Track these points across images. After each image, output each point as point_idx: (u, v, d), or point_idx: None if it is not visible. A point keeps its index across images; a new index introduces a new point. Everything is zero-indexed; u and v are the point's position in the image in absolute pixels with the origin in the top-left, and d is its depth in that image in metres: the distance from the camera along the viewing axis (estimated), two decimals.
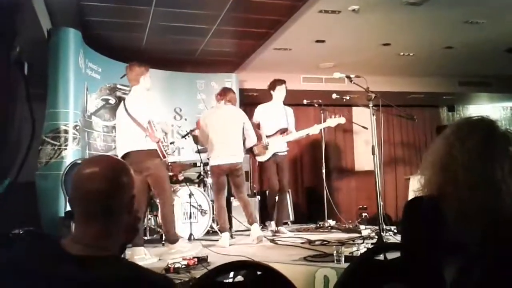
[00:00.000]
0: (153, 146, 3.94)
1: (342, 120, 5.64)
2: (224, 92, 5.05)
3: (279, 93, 5.55)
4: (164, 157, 4.02)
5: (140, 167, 3.84)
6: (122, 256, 1.28)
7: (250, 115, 5.36)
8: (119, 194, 1.16)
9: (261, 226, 6.08)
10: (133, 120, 3.97)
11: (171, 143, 4.72)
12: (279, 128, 5.51)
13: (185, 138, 5.68)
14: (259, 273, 1.16)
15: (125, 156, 3.96)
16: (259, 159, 5.52)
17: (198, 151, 5.47)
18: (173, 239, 4.07)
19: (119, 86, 6.27)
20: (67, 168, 4.61)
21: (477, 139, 1.35)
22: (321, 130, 5.94)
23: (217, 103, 5.13)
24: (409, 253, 1.34)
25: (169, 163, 5.13)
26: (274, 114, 5.57)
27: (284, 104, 5.68)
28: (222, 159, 4.78)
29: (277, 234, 5.31)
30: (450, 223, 1.30)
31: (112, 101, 6.17)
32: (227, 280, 1.23)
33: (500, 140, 1.35)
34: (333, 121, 5.63)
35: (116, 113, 4.34)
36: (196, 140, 5.37)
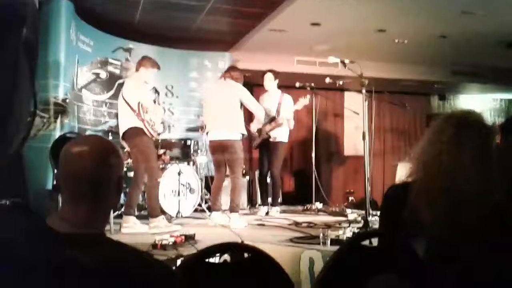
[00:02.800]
0: (141, 125, 4.30)
1: (306, 101, 5.69)
2: (228, 69, 4.99)
3: (266, 83, 5.64)
4: (152, 135, 4.37)
5: (130, 142, 4.40)
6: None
7: None
8: (108, 174, 1.16)
9: (248, 207, 6.18)
10: (125, 101, 4.36)
11: (161, 123, 4.76)
12: (269, 116, 5.55)
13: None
14: (247, 254, 1.17)
15: (123, 133, 4.40)
16: (255, 142, 5.66)
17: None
18: (153, 213, 4.28)
19: (110, 60, 6.18)
20: (55, 141, 4.57)
21: (452, 129, 1.39)
22: (313, 113, 5.97)
23: (218, 80, 5.10)
24: (386, 239, 1.38)
25: (159, 141, 5.20)
26: (266, 102, 5.64)
27: (278, 88, 5.70)
28: (213, 135, 4.75)
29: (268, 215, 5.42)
30: (413, 206, 1.34)
31: (103, 75, 6.09)
32: (214, 260, 1.24)
33: (475, 130, 1.39)
34: (299, 104, 5.68)
35: None
36: None
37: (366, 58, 5.88)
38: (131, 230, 4.12)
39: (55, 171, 4.44)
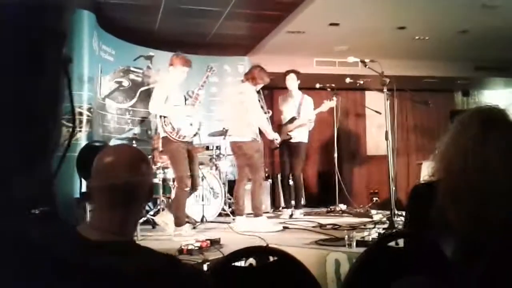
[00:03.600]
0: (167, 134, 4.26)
1: (332, 103, 5.69)
2: (249, 70, 4.96)
3: (289, 83, 5.63)
4: (178, 140, 4.24)
5: (165, 152, 4.53)
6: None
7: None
8: (140, 183, 1.18)
9: (272, 210, 6.17)
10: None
11: (190, 124, 4.47)
12: (289, 117, 5.57)
13: None
14: (273, 258, 1.18)
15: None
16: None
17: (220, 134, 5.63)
18: (176, 222, 4.19)
19: (132, 69, 6.29)
20: (82, 150, 4.65)
21: (477, 125, 1.36)
22: (334, 114, 5.95)
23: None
24: (412, 239, 1.36)
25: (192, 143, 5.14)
26: (286, 103, 5.68)
27: (299, 89, 5.69)
28: (231, 138, 4.78)
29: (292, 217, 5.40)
30: (440, 205, 1.32)
31: (126, 83, 6.20)
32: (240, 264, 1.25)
33: (501, 126, 1.37)
34: (325, 105, 5.65)
35: None
36: None
37: (387, 56, 5.83)
38: (182, 237, 3.98)
39: (82, 179, 4.53)
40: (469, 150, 1.34)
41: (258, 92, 4.92)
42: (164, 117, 4.24)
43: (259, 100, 4.86)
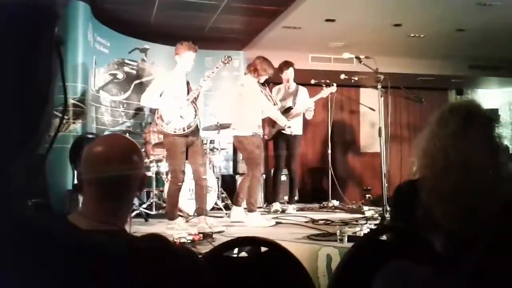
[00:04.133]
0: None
1: (333, 89, 5.63)
2: (250, 62, 4.84)
3: (287, 75, 5.59)
4: (172, 134, 4.11)
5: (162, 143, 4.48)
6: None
7: None
8: (132, 172, 1.18)
9: (265, 204, 6.17)
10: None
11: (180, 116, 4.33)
12: (284, 108, 5.53)
13: None
14: (265, 249, 1.19)
15: None
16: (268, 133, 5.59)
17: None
18: (168, 216, 4.17)
19: (127, 61, 6.26)
20: (75, 142, 4.65)
21: (457, 121, 1.37)
22: (328, 110, 5.95)
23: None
24: (402, 233, 1.38)
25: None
26: (281, 93, 5.65)
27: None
28: (233, 132, 4.72)
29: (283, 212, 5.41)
30: (426, 204, 1.33)
31: (120, 76, 6.17)
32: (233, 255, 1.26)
33: (480, 121, 1.38)
34: (326, 91, 5.61)
35: None
36: None
37: (382, 53, 5.84)
38: (175, 231, 3.91)
39: (75, 171, 4.51)
40: (452, 146, 1.34)
41: (263, 84, 4.81)
42: (156, 109, 4.19)
43: (261, 91, 4.73)
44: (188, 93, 4.20)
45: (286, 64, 5.57)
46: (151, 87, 4.26)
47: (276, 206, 5.57)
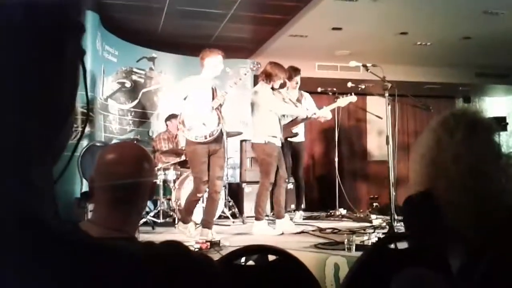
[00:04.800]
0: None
1: (353, 99, 5.42)
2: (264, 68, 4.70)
3: (295, 83, 5.46)
4: (195, 141, 3.97)
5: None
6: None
7: None
8: (142, 180, 1.19)
9: (272, 213, 6.15)
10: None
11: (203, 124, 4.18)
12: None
13: None
14: (274, 257, 1.19)
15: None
16: None
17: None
18: (183, 219, 4.20)
19: (135, 70, 6.31)
20: (84, 150, 4.67)
21: (464, 130, 1.36)
22: (335, 118, 5.93)
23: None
24: (416, 243, 1.37)
25: (182, 148, 5.06)
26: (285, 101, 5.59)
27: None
28: (252, 139, 4.68)
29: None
30: (445, 216, 1.33)
31: (128, 84, 6.22)
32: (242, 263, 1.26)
33: (485, 129, 1.39)
34: (344, 100, 5.41)
35: None
36: None
37: (388, 61, 5.84)
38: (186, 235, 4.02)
39: (83, 179, 4.54)
40: (461, 154, 1.34)
41: (278, 89, 4.69)
42: (178, 115, 4.15)
43: (275, 96, 4.63)
44: (213, 99, 4.05)
45: (296, 71, 5.44)
46: (175, 93, 4.29)
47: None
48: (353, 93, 5.46)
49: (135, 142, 5.28)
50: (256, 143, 4.51)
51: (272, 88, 4.62)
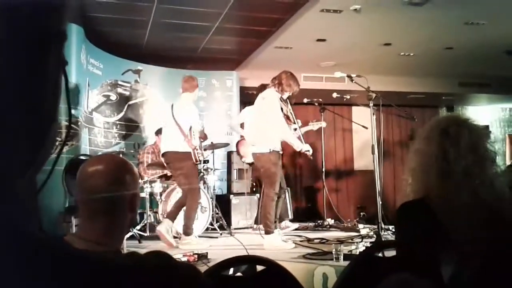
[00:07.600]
0: (189, 150, 4.40)
1: (323, 124, 5.83)
2: (276, 75, 4.60)
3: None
4: (197, 161, 4.47)
5: (175, 166, 4.51)
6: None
7: None
8: (122, 192, 1.18)
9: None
10: (177, 124, 4.43)
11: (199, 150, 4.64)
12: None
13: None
14: (262, 268, 1.18)
15: (163, 154, 4.55)
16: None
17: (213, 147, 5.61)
18: (187, 232, 4.38)
19: (120, 83, 6.28)
20: (68, 163, 4.61)
21: (463, 137, 1.38)
22: (321, 128, 5.99)
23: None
24: (406, 251, 1.37)
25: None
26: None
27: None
28: (252, 149, 4.53)
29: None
30: (441, 222, 1.33)
31: (113, 97, 6.18)
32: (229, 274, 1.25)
33: (482, 136, 1.41)
34: (316, 125, 5.77)
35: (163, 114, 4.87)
36: None
37: (373, 72, 5.91)
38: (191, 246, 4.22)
39: (67, 193, 4.47)
40: (457, 161, 1.35)
41: (285, 101, 4.55)
42: (193, 132, 4.48)
43: (282, 109, 4.43)
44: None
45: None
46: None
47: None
48: (322, 121, 5.97)
49: (120, 155, 5.26)
50: (260, 153, 4.30)
51: (280, 98, 4.48)
